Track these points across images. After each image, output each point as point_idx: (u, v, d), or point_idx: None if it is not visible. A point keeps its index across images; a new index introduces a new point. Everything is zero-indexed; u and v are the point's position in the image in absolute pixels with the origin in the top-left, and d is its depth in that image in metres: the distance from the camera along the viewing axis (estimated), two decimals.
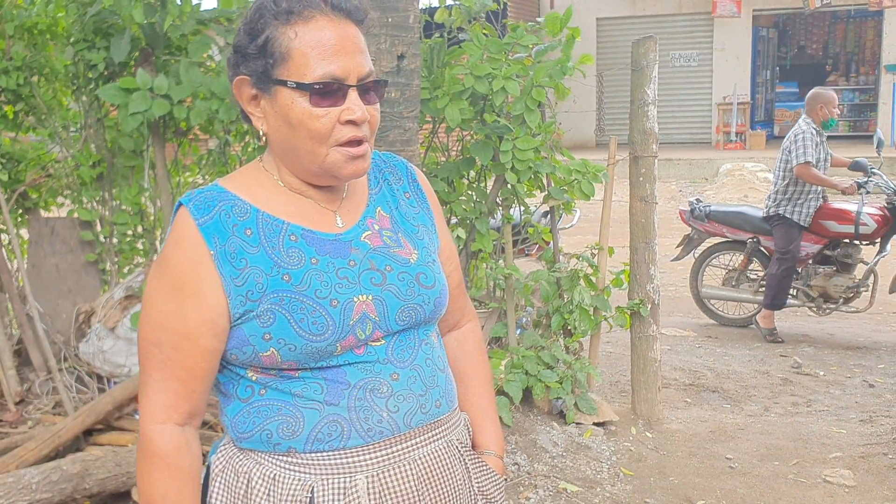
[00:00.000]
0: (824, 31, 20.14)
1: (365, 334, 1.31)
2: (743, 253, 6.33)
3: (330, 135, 1.27)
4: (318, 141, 1.28)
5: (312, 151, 1.29)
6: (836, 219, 5.95)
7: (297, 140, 1.29)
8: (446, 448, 1.39)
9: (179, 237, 1.29)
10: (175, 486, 1.30)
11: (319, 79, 1.26)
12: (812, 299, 6.07)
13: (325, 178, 1.33)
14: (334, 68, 1.26)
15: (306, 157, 1.30)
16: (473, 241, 4.09)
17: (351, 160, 1.29)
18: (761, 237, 6.17)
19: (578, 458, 3.74)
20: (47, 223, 4.24)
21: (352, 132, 1.28)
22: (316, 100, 1.26)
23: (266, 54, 1.28)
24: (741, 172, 14.00)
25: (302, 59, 1.26)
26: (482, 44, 3.82)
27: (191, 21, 3.72)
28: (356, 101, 1.28)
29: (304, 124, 1.27)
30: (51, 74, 4.28)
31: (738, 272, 6.36)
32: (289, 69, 1.27)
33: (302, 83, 1.26)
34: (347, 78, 1.27)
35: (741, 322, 6.47)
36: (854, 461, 3.80)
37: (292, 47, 1.27)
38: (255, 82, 1.31)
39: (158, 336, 1.29)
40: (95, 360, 3.85)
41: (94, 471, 3.02)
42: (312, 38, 1.26)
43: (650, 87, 4.08)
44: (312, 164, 1.30)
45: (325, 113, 1.27)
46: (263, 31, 1.29)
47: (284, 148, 1.32)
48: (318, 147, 1.28)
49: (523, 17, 16.51)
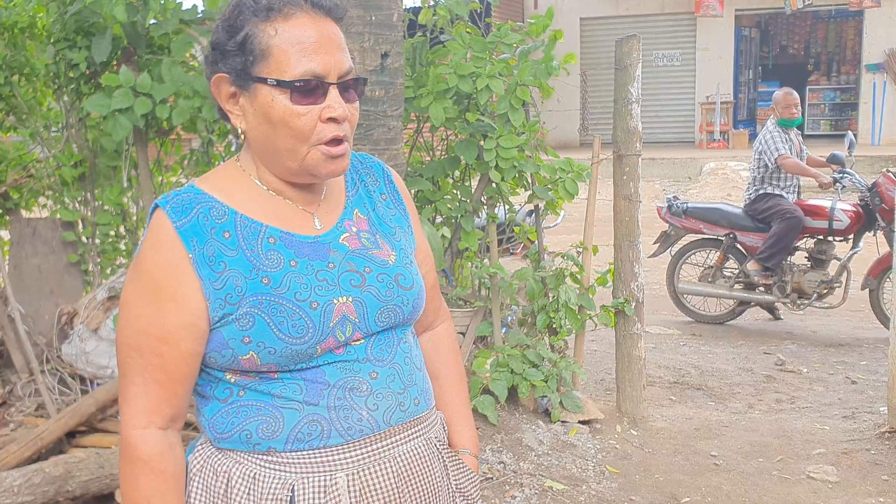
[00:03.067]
0: (806, 30, 20.28)
1: (345, 336, 1.30)
2: (719, 250, 6.39)
3: (311, 133, 1.26)
4: (298, 139, 1.27)
5: (293, 150, 1.28)
6: (811, 215, 6.03)
7: (278, 138, 1.28)
8: (425, 446, 1.39)
9: (156, 240, 1.28)
10: (160, 490, 1.29)
11: (300, 76, 1.25)
12: (786, 294, 6.14)
13: (304, 176, 1.32)
14: (315, 66, 1.25)
15: (286, 156, 1.29)
16: (459, 239, 4.09)
17: (330, 159, 1.29)
18: (738, 233, 6.24)
19: (564, 456, 3.74)
20: (29, 224, 4.20)
21: (333, 130, 1.27)
22: (297, 97, 1.25)
23: (245, 51, 1.27)
24: (724, 171, 14.08)
25: (282, 57, 1.25)
26: (466, 43, 3.82)
27: (173, 20, 3.70)
28: (337, 98, 1.27)
29: (284, 122, 1.26)
30: (31, 74, 4.25)
31: (715, 268, 6.41)
32: (269, 66, 1.26)
33: (283, 80, 1.25)
34: (328, 75, 1.26)
35: (718, 319, 6.52)
36: (837, 457, 3.83)
37: (272, 44, 1.26)
38: (233, 80, 1.29)
39: (138, 341, 1.28)
40: (78, 362, 3.82)
41: (77, 473, 2.99)
42: (293, 35, 1.25)
43: (634, 86, 4.09)
44: (292, 162, 1.29)
45: (306, 111, 1.26)
46: (242, 27, 1.27)
47: (264, 146, 1.31)
48: (298, 145, 1.27)
49: (507, 17, 16.53)
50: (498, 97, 3.86)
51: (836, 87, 18.97)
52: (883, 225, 5.83)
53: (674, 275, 6.57)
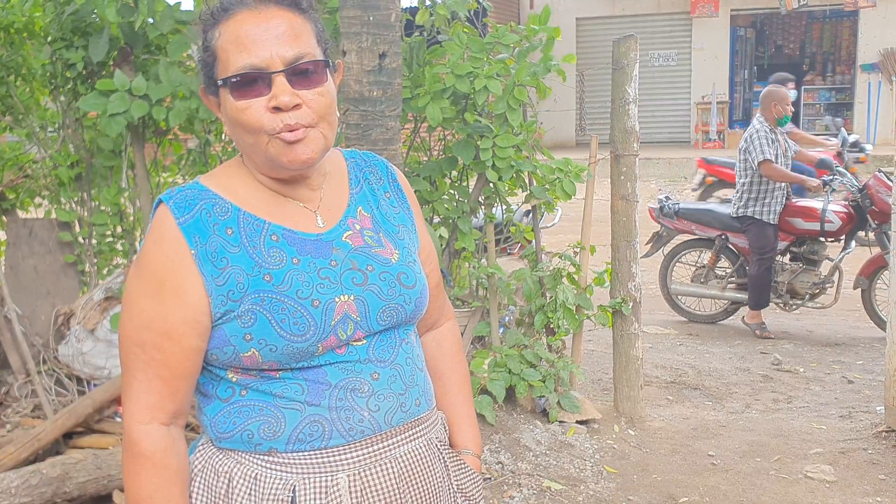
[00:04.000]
0: (801, 30, 20.32)
1: (346, 334, 1.30)
2: (711, 250, 6.39)
3: (262, 126, 1.26)
4: (253, 133, 1.27)
5: (255, 144, 1.28)
6: (802, 216, 6.03)
7: (240, 136, 1.30)
8: (426, 446, 1.40)
9: (159, 236, 1.28)
10: (163, 487, 1.29)
11: (237, 71, 1.25)
12: (779, 295, 6.14)
13: (276, 168, 1.31)
14: (252, 58, 1.25)
15: (253, 151, 1.30)
16: (456, 240, 4.09)
17: (289, 146, 1.26)
18: (730, 234, 6.24)
19: (562, 456, 3.75)
20: (25, 224, 4.19)
21: (282, 120, 1.25)
22: (237, 93, 1.26)
23: (205, 60, 1.31)
24: None
25: (224, 56, 1.27)
26: (463, 43, 3.82)
27: (170, 20, 3.69)
28: (281, 86, 1.25)
29: (235, 119, 1.27)
30: (28, 74, 4.24)
31: (707, 269, 6.42)
32: (218, 69, 1.29)
33: (224, 79, 1.27)
34: (269, 66, 1.25)
35: (711, 318, 6.53)
36: (834, 456, 3.83)
37: (217, 46, 1.29)
38: (206, 88, 1.33)
39: (141, 336, 1.28)
40: (75, 363, 3.81)
41: (75, 474, 2.98)
42: (231, 32, 1.27)
43: (631, 86, 4.10)
44: (259, 156, 1.30)
45: (247, 105, 1.26)
46: (205, 37, 1.31)
47: (239, 146, 1.34)
48: (257, 139, 1.27)
49: (503, 16, 16.55)
50: (495, 97, 3.86)
51: (831, 87, 19.01)
52: (874, 226, 5.84)
53: (666, 275, 6.58)
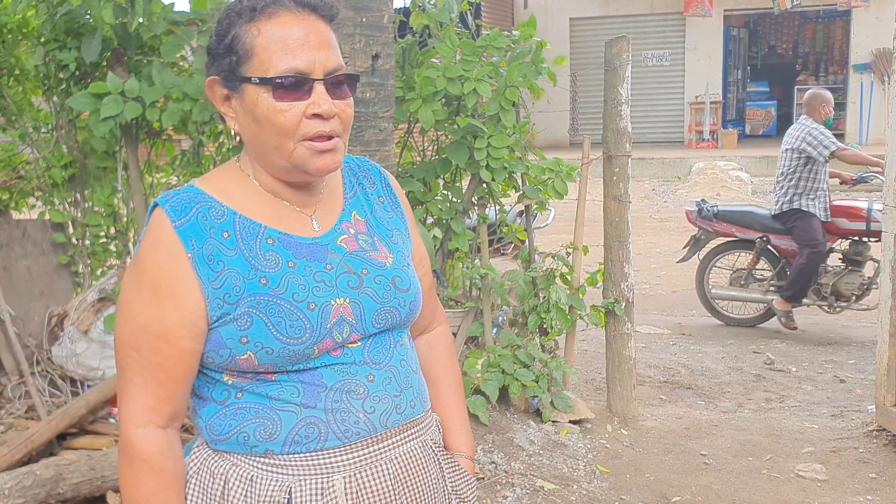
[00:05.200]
0: (794, 30, 20.38)
1: (342, 337, 1.31)
2: (751, 252, 6.29)
3: (296, 129, 1.27)
4: (283, 136, 1.28)
5: (280, 147, 1.28)
6: (848, 216, 5.94)
7: (265, 136, 1.29)
8: (421, 448, 1.40)
9: (155, 239, 1.29)
10: (161, 490, 1.30)
11: (282, 73, 1.26)
12: (824, 297, 6.04)
13: (295, 173, 1.32)
14: (298, 62, 1.26)
15: (275, 154, 1.30)
16: (449, 240, 4.10)
17: (318, 154, 1.29)
18: (771, 236, 6.14)
19: (555, 455, 3.76)
20: (18, 225, 4.18)
21: (318, 127, 1.27)
22: (279, 94, 1.26)
23: (232, 53, 1.29)
24: (713, 171, 14.13)
25: (265, 55, 1.27)
26: (455, 45, 3.83)
27: (163, 22, 3.69)
28: (322, 95, 1.28)
29: (269, 119, 1.27)
30: (21, 74, 4.23)
31: (747, 272, 6.31)
32: (252, 66, 1.28)
33: (265, 78, 1.26)
34: (312, 72, 1.27)
35: (749, 322, 6.43)
36: (826, 455, 3.85)
37: (255, 44, 1.28)
38: (224, 82, 1.32)
39: (137, 339, 1.29)
40: (68, 364, 3.81)
41: (68, 475, 2.98)
42: (275, 33, 1.27)
43: (624, 87, 4.11)
44: (281, 159, 1.30)
45: (288, 107, 1.26)
46: (230, 30, 1.30)
47: (255, 145, 1.33)
48: (284, 142, 1.28)
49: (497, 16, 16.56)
50: (487, 99, 3.87)
51: (824, 86, 19.03)
52: None
53: (703, 279, 6.45)
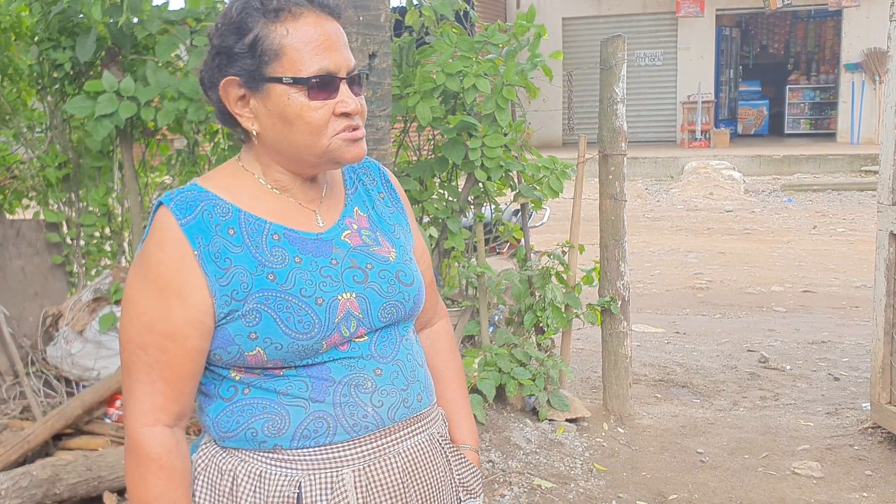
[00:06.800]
0: (785, 30, 20.45)
1: (349, 331, 1.32)
2: None
3: (327, 126, 1.30)
4: (315, 133, 1.30)
5: (311, 144, 1.31)
6: None
7: (295, 135, 1.30)
8: (428, 441, 1.42)
9: (161, 237, 1.29)
10: (170, 489, 1.29)
11: (315, 73, 1.28)
12: None
13: (326, 164, 1.35)
14: (328, 63, 1.29)
15: (305, 151, 1.32)
16: (446, 239, 4.10)
17: (352, 143, 1.32)
18: None
19: (552, 454, 3.76)
20: (13, 225, 4.17)
21: (346, 123, 1.31)
22: (314, 93, 1.29)
23: (256, 53, 1.29)
24: (706, 170, 14.17)
25: (296, 55, 1.28)
26: (453, 42, 3.83)
27: (157, 21, 3.68)
28: (348, 93, 1.31)
29: (301, 118, 1.29)
30: (15, 74, 4.22)
31: None
32: (283, 66, 1.28)
33: (298, 78, 1.28)
34: (339, 71, 1.30)
35: None
36: (821, 453, 3.87)
37: (285, 44, 1.28)
38: (244, 82, 1.31)
39: (143, 338, 1.28)
40: (64, 364, 3.80)
41: (65, 476, 2.97)
42: (304, 34, 1.29)
43: (619, 86, 4.12)
44: (312, 155, 1.32)
45: (321, 105, 1.29)
46: (251, 29, 1.29)
47: (280, 144, 1.33)
48: (316, 139, 1.30)
49: (490, 17, 16.57)
50: (484, 97, 3.87)
51: (815, 86, 19.15)
52: None
53: None
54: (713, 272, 8.32)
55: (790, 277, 7.99)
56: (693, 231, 10.82)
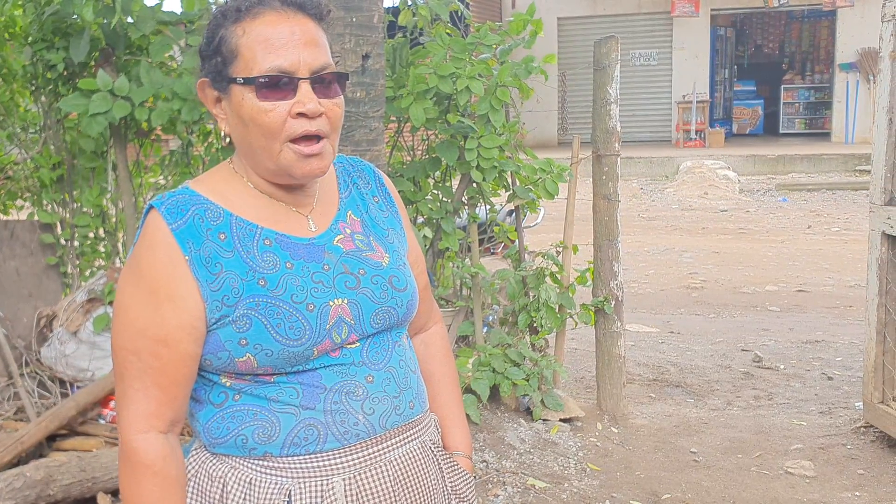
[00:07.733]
0: (780, 30, 20.50)
1: (341, 338, 1.31)
2: None
3: (281, 130, 1.26)
4: (269, 136, 1.27)
5: (266, 148, 1.28)
6: None
7: (251, 137, 1.28)
8: (420, 449, 1.40)
9: (152, 242, 1.28)
10: (165, 496, 1.28)
11: (265, 72, 1.25)
12: None
13: (283, 176, 1.31)
14: (281, 61, 1.25)
15: (262, 155, 1.29)
16: (440, 240, 4.11)
17: (304, 159, 1.28)
18: None
19: (546, 454, 3.77)
20: (6, 226, 4.16)
21: (303, 126, 1.26)
22: (263, 93, 1.25)
23: (218, 54, 1.29)
24: (701, 170, 14.19)
25: (249, 55, 1.26)
26: (446, 43, 3.84)
27: (151, 21, 3.68)
28: (307, 93, 1.27)
29: (253, 120, 1.26)
30: (8, 75, 4.21)
31: None
32: (238, 66, 1.27)
33: (248, 77, 1.26)
34: (297, 71, 1.26)
35: None
36: (814, 452, 3.88)
37: (240, 44, 1.27)
38: (212, 83, 1.31)
39: (136, 344, 1.27)
40: (58, 365, 3.80)
41: (59, 477, 2.97)
42: (259, 33, 1.27)
43: (612, 87, 4.12)
44: (269, 161, 1.29)
45: (272, 107, 1.26)
46: (217, 32, 1.30)
47: (243, 147, 1.32)
48: (270, 143, 1.27)
49: (485, 17, 16.57)
50: (478, 98, 3.88)
51: (810, 86, 19.20)
52: None
53: None
54: (708, 272, 8.34)
55: (784, 277, 8.01)
56: (688, 230, 10.83)
